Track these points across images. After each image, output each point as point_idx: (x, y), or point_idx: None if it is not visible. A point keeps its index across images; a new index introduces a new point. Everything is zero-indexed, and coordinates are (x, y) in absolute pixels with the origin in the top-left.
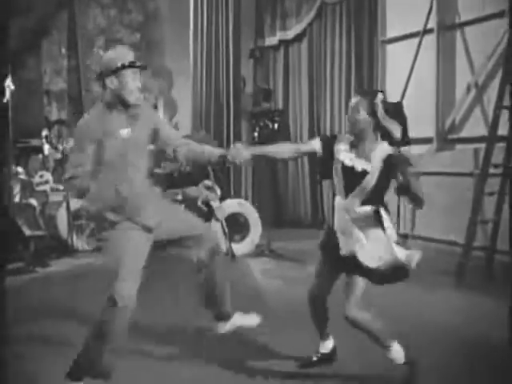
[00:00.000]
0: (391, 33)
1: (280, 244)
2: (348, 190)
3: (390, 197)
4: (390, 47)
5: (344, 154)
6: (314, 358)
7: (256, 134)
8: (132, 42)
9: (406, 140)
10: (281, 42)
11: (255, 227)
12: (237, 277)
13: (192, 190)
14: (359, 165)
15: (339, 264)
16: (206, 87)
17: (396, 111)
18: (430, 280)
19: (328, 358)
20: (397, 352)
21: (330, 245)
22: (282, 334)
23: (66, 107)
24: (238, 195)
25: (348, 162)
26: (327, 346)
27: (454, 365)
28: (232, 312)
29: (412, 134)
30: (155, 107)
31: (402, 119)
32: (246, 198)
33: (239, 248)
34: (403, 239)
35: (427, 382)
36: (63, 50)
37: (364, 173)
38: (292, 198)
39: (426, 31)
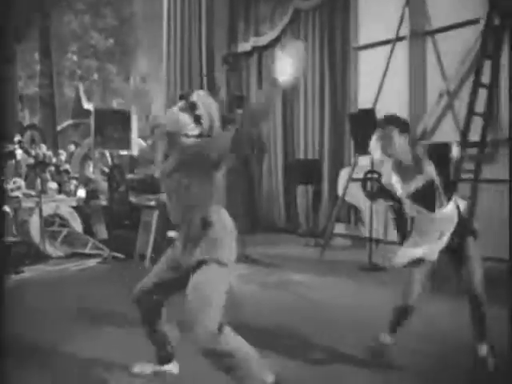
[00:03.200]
0: (364, 40)
1: (255, 249)
2: None
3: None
4: (362, 54)
5: None
6: None
7: None
8: (106, 48)
9: None
10: (254, 48)
11: None
12: None
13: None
14: None
15: None
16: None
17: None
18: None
19: None
20: None
21: None
22: (256, 341)
23: (39, 112)
24: None
25: None
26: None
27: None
28: None
29: None
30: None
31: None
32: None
33: None
34: None
35: None
36: (36, 56)
37: None
38: (266, 203)
39: (398, 38)
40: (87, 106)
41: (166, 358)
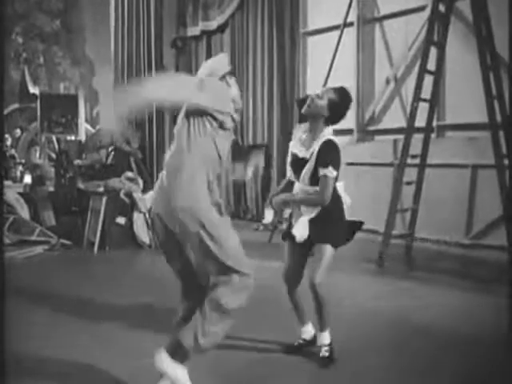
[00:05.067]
0: (312, 25)
1: None
2: (297, 177)
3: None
4: (311, 39)
5: (293, 145)
6: (296, 343)
7: None
8: (52, 30)
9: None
10: (203, 32)
11: None
12: (161, 269)
13: (114, 182)
14: (301, 153)
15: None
16: (128, 77)
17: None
18: (352, 267)
19: (308, 345)
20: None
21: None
22: None
23: None
24: None
25: (296, 152)
26: (307, 332)
27: (379, 344)
28: None
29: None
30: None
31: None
32: None
33: None
34: None
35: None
36: None
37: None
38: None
39: (347, 24)
40: (33, 89)
41: None
